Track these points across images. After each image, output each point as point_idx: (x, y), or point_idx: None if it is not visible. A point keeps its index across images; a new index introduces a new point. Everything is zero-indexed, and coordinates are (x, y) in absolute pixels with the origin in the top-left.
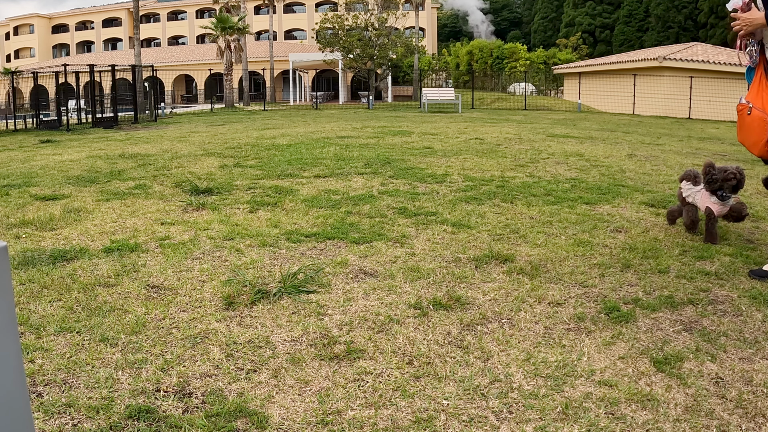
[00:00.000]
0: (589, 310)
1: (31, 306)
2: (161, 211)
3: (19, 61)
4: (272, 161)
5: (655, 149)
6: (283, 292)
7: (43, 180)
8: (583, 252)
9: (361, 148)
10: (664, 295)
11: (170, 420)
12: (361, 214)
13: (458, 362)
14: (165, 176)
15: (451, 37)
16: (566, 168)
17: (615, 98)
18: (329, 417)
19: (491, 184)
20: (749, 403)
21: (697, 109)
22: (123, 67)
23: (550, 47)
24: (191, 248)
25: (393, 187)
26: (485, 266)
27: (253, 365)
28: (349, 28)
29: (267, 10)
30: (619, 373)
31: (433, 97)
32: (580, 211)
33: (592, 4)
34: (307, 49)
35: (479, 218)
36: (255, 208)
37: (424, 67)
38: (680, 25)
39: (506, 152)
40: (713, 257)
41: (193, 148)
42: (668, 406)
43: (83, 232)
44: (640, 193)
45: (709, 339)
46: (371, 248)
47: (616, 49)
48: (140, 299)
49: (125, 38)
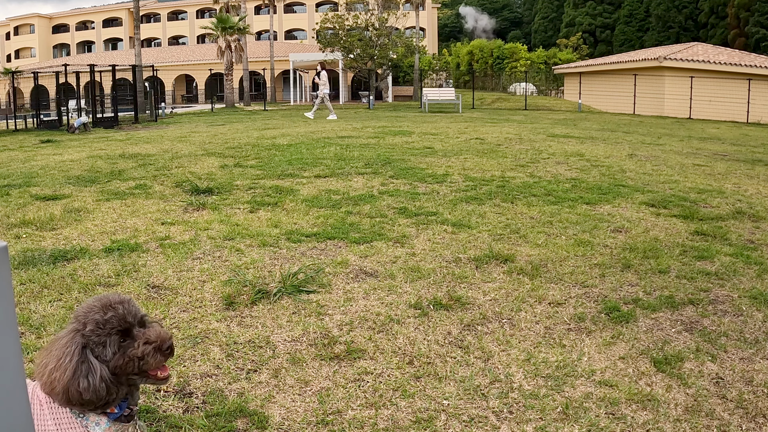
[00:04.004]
0: (590, 310)
1: (32, 306)
2: (161, 211)
3: (20, 61)
4: (272, 161)
5: (656, 149)
6: (284, 292)
7: (44, 180)
8: (584, 252)
9: (362, 148)
10: (664, 295)
11: (170, 420)
12: (362, 214)
13: (458, 362)
14: (165, 176)
15: (452, 37)
16: (567, 168)
17: (615, 98)
18: (329, 417)
19: (492, 184)
20: (750, 403)
21: (697, 109)
22: (123, 67)
23: (550, 47)
24: (191, 248)
25: (393, 187)
26: (485, 266)
27: (253, 365)
28: (350, 28)
29: (267, 10)
30: (620, 373)
31: (434, 97)
32: (581, 211)
33: (592, 4)
34: (308, 49)
35: (480, 218)
36: (255, 208)
37: (425, 67)
38: (681, 25)
39: (507, 152)
40: (714, 257)
41: (193, 148)
42: (668, 406)
43: (83, 232)
44: (640, 193)
45: (710, 339)
46: (371, 248)
47: (617, 49)
48: (141, 299)
49: (125, 38)
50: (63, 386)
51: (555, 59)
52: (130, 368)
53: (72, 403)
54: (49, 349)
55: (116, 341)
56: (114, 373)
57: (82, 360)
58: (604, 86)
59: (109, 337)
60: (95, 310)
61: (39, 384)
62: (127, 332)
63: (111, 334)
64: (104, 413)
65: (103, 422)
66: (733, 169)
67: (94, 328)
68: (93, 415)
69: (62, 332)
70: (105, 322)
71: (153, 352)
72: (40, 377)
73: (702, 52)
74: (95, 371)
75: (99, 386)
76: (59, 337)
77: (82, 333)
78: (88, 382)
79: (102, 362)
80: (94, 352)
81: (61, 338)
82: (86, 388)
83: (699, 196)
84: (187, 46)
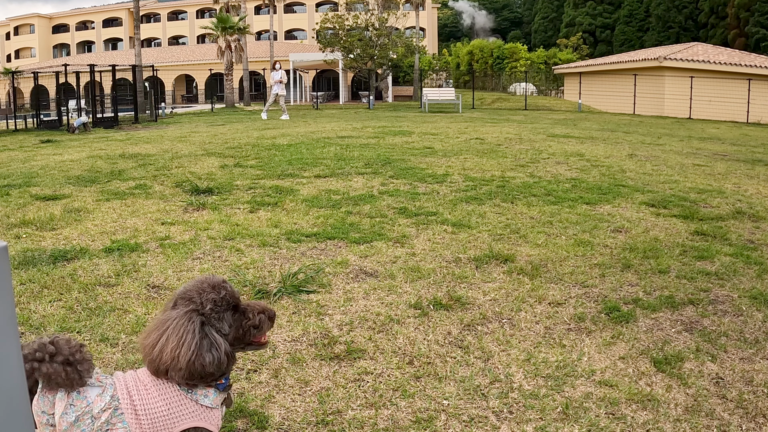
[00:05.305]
0: (590, 310)
1: (32, 306)
2: (161, 211)
3: (20, 60)
4: (272, 161)
5: (656, 149)
6: (284, 292)
7: (44, 180)
8: (584, 252)
9: (362, 148)
10: (664, 295)
11: None
12: (362, 214)
13: (458, 362)
14: (165, 176)
15: (452, 37)
16: (567, 168)
17: (615, 98)
18: (329, 417)
19: (492, 184)
20: (750, 403)
21: (697, 109)
22: (123, 67)
23: (550, 47)
24: (191, 248)
25: (393, 187)
26: (485, 266)
27: (253, 365)
28: (350, 28)
29: (267, 10)
30: (620, 373)
31: (434, 97)
32: (581, 211)
33: (592, 4)
34: (308, 49)
35: (480, 218)
36: (255, 208)
37: (425, 67)
38: (681, 25)
39: (507, 152)
40: (714, 257)
41: (193, 148)
42: (668, 406)
43: (83, 232)
44: (640, 193)
45: (710, 339)
46: (371, 248)
47: (617, 49)
48: (141, 299)
49: (125, 38)
50: (188, 362)
51: (555, 59)
52: (246, 338)
53: (193, 377)
54: (159, 331)
55: (230, 316)
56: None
57: (203, 336)
58: (604, 86)
59: (225, 313)
60: (208, 290)
61: (148, 366)
62: (236, 307)
63: (226, 310)
64: (209, 385)
65: (211, 393)
66: (733, 169)
67: (213, 306)
68: (200, 389)
69: (171, 314)
70: (221, 300)
71: (266, 320)
72: (154, 358)
73: (702, 52)
74: (219, 345)
75: (222, 359)
76: (169, 318)
77: (200, 312)
78: (213, 355)
79: (222, 336)
80: (214, 328)
81: (172, 319)
82: (211, 362)
83: (699, 196)
84: (187, 46)
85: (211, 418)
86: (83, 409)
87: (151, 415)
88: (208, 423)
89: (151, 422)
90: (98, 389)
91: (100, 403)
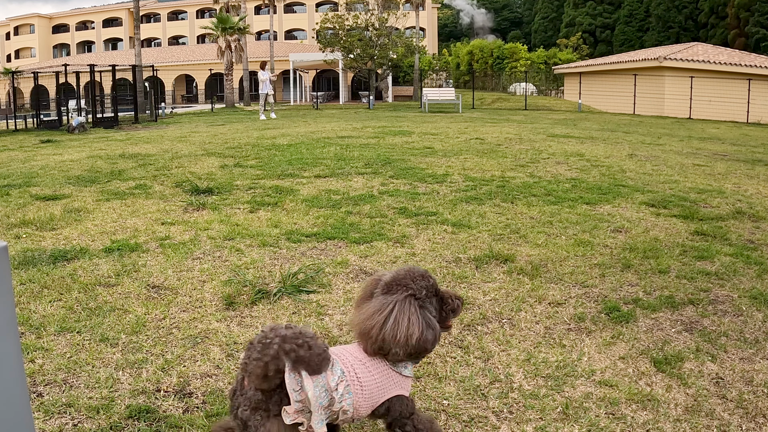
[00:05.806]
0: (590, 310)
1: (32, 306)
2: (161, 211)
3: (20, 61)
4: (272, 161)
5: (656, 149)
6: (284, 292)
7: (44, 180)
8: (584, 252)
9: (362, 148)
10: (664, 295)
11: (170, 420)
12: (362, 214)
13: (458, 362)
14: (165, 176)
15: (452, 37)
16: (567, 168)
17: (615, 98)
18: None
19: (492, 184)
20: (750, 403)
21: (697, 109)
22: (123, 67)
23: (550, 47)
24: (191, 248)
25: (393, 187)
26: (485, 266)
27: None
28: (350, 28)
29: (267, 10)
30: (620, 373)
31: (434, 97)
32: (581, 211)
33: (592, 4)
34: (308, 49)
35: (480, 218)
36: (255, 208)
37: (425, 67)
38: (681, 25)
39: (507, 152)
40: (714, 257)
41: (193, 148)
42: (668, 406)
43: (83, 232)
44: (640, 193)
45: (710, 339)
46: (371, 248)
47: (617, 49)
48: (140, 299)
49: (125, 38)
50: (417, 339)
51: (555, 59)
52: (444, 321)
53: (418, 354)
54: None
55: (436, 301)
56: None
57: (425, 317)
58: (604, 86)
59: (433, 299)
60: (419, 279)
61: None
62: (437, 293)
63: (434, 296)
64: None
65: (409, 366)
66: (733, 169)
67: (426, 292)
68: (400, 364)
69: (390, 298)
70: (430, 287)
71: (461, 305)
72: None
73: (702, 52)
74: (435, 326)
75: (438, 337)
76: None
77: (417, 297)
78: (433, 334)
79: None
80: (427, 311)
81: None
82: (430, 340)
83: (699, 196)
84: (187, 46)
85: (407, 386)
86: (321, 383)
87: (372, 386)
88: (406, 390)
89: (370, 392)
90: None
91: (333, 377)
